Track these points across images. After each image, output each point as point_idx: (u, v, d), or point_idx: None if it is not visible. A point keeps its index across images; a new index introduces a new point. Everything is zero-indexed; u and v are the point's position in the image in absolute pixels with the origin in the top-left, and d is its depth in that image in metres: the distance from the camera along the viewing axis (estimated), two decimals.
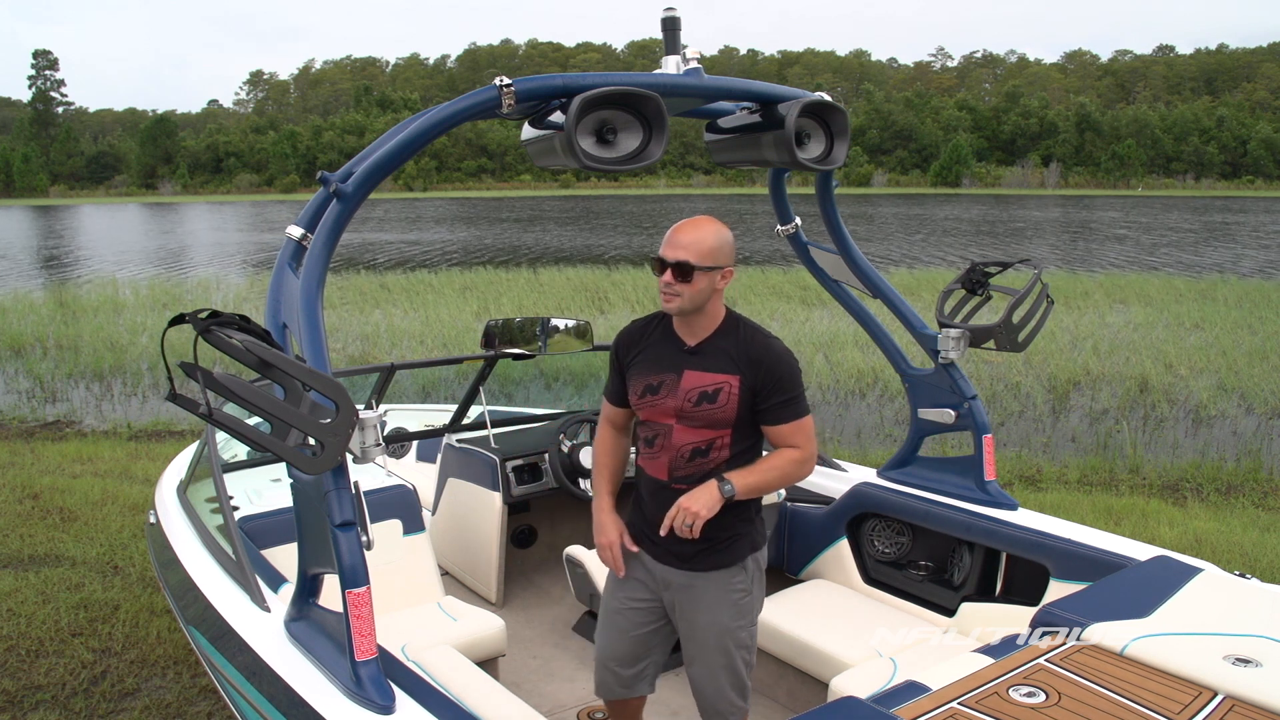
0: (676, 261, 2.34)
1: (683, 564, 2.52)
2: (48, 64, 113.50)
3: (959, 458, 3.54)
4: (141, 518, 5.68)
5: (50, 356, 12.14)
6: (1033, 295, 3.33)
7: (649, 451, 2.55)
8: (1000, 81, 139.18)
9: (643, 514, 2.61)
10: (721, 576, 2.52)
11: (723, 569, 2.52)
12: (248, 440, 1.89)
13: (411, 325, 13.52)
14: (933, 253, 26.49)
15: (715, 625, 2.53)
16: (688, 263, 2.34)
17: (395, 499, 3.64)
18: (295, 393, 1.92)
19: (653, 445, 2.53)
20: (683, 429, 2.46)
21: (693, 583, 2.52)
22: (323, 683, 2.21)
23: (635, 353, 2.55)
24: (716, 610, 2.54)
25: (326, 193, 2.34)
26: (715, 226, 2.40)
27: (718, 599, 2.53)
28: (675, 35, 2.41)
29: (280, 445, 1.89)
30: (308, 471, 1.91)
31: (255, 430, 1.90)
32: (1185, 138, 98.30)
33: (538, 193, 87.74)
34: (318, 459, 1.92)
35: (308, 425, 1.87)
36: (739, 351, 2.45)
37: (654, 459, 2.53)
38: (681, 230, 2.38)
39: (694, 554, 2.50)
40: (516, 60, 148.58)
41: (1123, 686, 2.03)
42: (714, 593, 2.53)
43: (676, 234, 2.38)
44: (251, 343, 1.88)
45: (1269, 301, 15.52)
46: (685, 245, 2.35)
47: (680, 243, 2.35)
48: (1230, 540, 5.55)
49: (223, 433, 4.64)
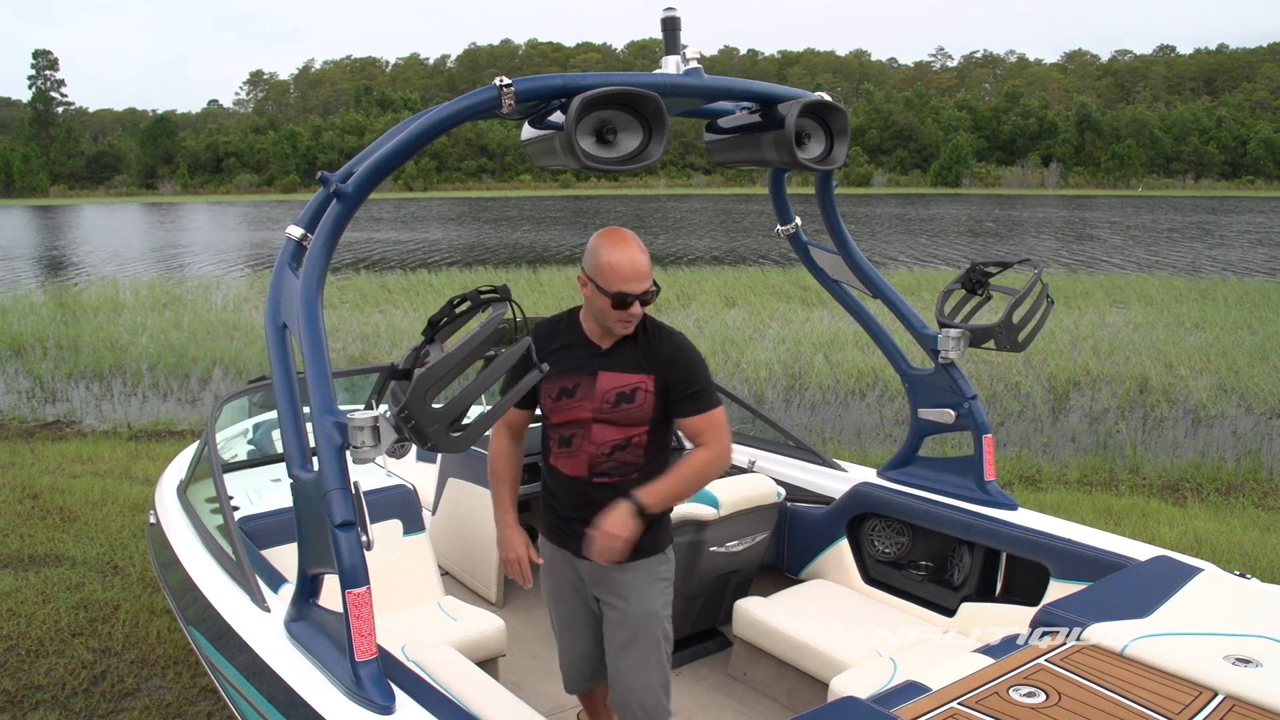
0: (645, 291, 2.41)
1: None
2: (48, 64, 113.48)
3: (959, 458, 3.54)
4: (141, 518, 5.68)
5: (50, 356, 12.14)
6: (1033, 295, 3.33)
7: (564, 451, 2.55)
8: (1000, 81, 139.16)
9: (557, 514, 2.63)
10: (649, 564, 2.57)
11: (650, 556, 2.56)
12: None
13: (411, 325, 13.52)
14: (933, 253, 26.50)
15: (649, 613, 2.57)
16: (652, 289, 2.43)
17: (395, 499, 3.64)
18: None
19: (570, 444, 2.54)
20: (602, 427, 2.50)
21: (621, 574, 2.54)
22: (323, 683, 2.21)
23: (544, 356, 2.50)
24: (648, 598, 2.57)
25: (326, 193, 2.33)
26: (635, 238, 2.45)
27: (648, 587, 2.57)
28: (675, 35, 2.41)
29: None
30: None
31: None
32: (1185, 138, 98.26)
33: (538, 193, 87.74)
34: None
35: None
36: (650, 351, 2.50)
37: (572, 457, 2.54)
38: (634, 259, 2.39)
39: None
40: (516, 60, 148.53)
41: (1123, 686, 2.03)
42: (644, 581, 2.56)
43: (634, 265, 2.38)
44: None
45: (1269, 301, 15.53)
46: (646, 274, 2.42)
47: (642, 274, 2.40)
48: (1230, 540, 5.55)
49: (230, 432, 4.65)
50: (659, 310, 15.19)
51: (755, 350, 11.65)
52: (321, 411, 2.10)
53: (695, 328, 13.38)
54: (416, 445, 2.09)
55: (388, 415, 2.07)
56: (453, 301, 2.32)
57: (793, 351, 11.67)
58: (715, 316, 14.37)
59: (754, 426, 4.59)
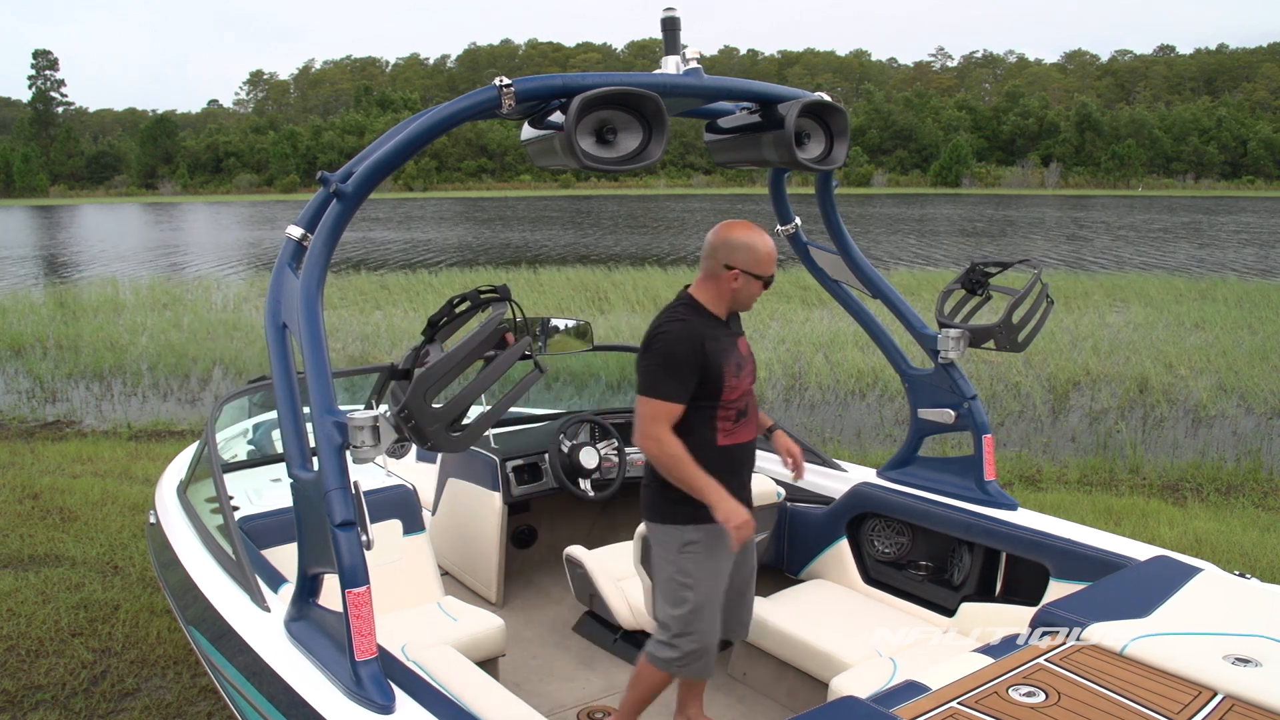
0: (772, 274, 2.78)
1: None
2: (48, 64, 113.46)
3: (959, 458, 3.54)
4: (141, 518, 5.68)
5: (50, 356, 12.14)
6: (1033, 295, 3.33)
7: (741, 422, 2.83)
8: (1000, 81, 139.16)
9: (729, 489, 2.77)
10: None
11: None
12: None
13: (411, 325, 13.52)
14: (932, 253, 26.49)
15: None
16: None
17: (395, 499, 3.64)
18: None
19: (746, 413, 2.84)
20: (752, 389, 2.88)
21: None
22: (323, 682, 2.21)
23: (710, 345, 2.72)
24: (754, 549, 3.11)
25: (326, 193, 2.33)
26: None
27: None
28: (675, 35, 2.41)
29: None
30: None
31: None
32: (1185, 138, 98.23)
33: (538, 193, 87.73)
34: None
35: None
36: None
37: (749, 424, 2.86)
38: (771, 245, 2.79)
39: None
40: (516, 60, 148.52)
41: (1123, 686, 2.03)
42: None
43: (772, 250, 2.78)
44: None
45: (1269, 301, 15.53)
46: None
47: (775, 255, 2.79)
48: (1230, 540, 5.55)
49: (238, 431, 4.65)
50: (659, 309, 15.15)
51: (755, 350, 11.58)
52: (321, 411, 2.10)
53: None
54: (416, 445, 2.09)
55: (388, 415, 2.07)
56: (453, 301, 2.32)
57: (793, 351, 11.67)
58: None
59: None
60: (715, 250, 2.75)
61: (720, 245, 2.74)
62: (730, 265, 2.72)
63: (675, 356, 2.66)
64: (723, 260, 2.73)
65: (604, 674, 3.69)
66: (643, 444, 2.70)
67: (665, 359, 2.67)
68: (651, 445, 2.68)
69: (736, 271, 2.72)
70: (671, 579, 2.82)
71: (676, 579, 2.81)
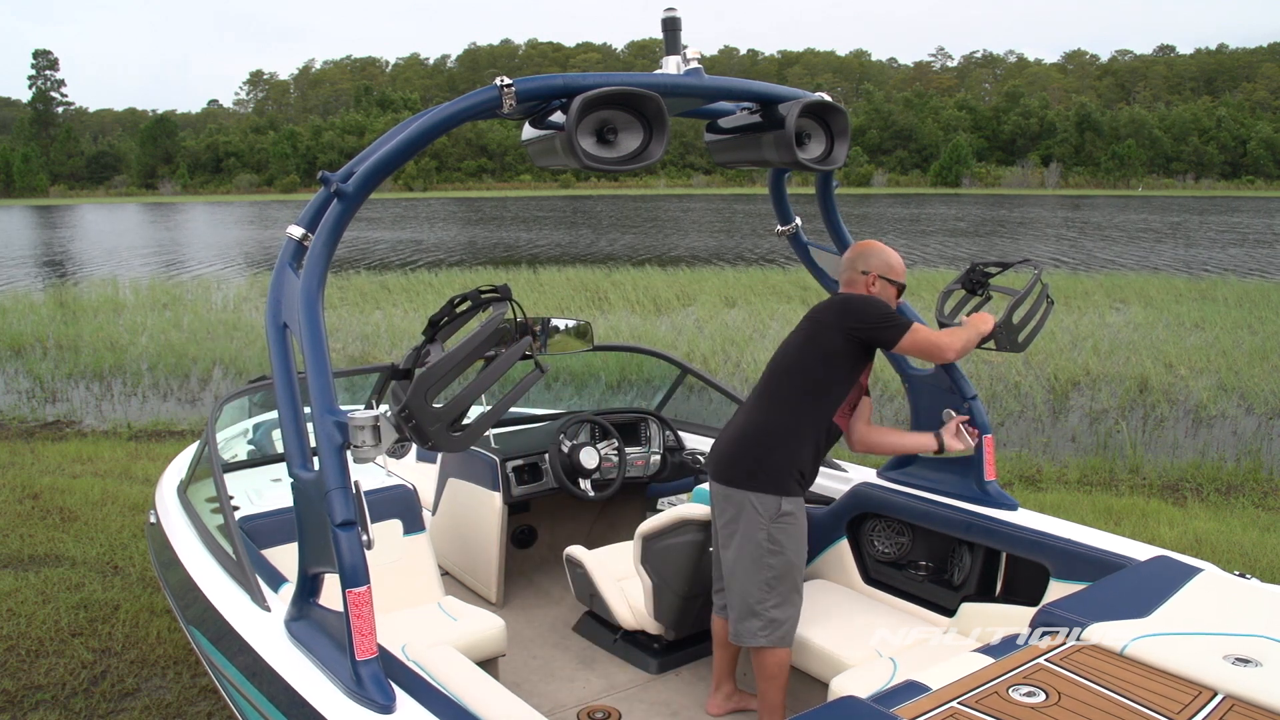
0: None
1: None
2: (48, 64, 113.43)
3: (959, 458, 3.54)
4: (141, 518, 5.68)
5: (50, 356, 12.14)
6: (1033, 295, 3.32)
7: (846, 413, 3.12)
8: (1000, 81, 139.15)
9: (817, 468, 3.11)
10: None
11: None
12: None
13: (411, 325, 13.52)
14: (932, 253, 26.49)
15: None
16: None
17: (395, 499, 3.64)
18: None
19: (854, 409, 3.17)
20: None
21: None
22: (323, 682, 2.21)
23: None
24: None
25: (327, 193, 2.33)
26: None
27: None
28: (675, 35, 2.41)
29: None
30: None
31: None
32: (1185, 138, 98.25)
33: (538, 193, 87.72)
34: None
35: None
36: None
37: (844, 418, 3.13)
38: (899, 258, 3.15)
39: None
40: (516, 60, 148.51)
41: (1123, 686, 2.03)
42: None
43: (900, 260, 3.14)
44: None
45: (1269, 301, 15.53)
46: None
47: (904, 269, 3.15)
48: (1230, 540, 5.55)
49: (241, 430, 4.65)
50: (659, 309, 15.19)
51: (755, 350, 11.64)
52: (322, 411, 2.10)
53: (695, 328, 13.38)
54: (417, 445, 2.09)
55: (388, 415, 2.07)
56: (453, 301, 2.32)
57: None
58: (715, 316, 14.36)
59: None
60: (854, 261, 3.13)
61: (857, 257, 3.13)
62: (866, 270, 3.07)
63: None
64: (860, 268, 3.09)
65: (604, 674, 3.69)
66: (950, 355, 2.99)
67: (884, 304, 3.03)
68: (950, 349, 2.98)
69: (873, 276, 3.06)
70: (760, 545, 2.94)
71: (765, 545, 2.95)
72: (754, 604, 2.97)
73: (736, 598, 3.01)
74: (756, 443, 2.99)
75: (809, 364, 3.00)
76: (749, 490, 2.95)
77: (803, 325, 3.07)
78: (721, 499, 3.05)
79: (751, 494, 2.94)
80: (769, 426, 3.00)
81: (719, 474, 3.05)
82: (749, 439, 3.01)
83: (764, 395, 3.07)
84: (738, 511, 2.99)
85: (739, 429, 3.07)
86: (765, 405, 3.04)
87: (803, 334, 3.05)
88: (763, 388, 3.10)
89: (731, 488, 3.00)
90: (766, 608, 2.96)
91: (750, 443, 3.00)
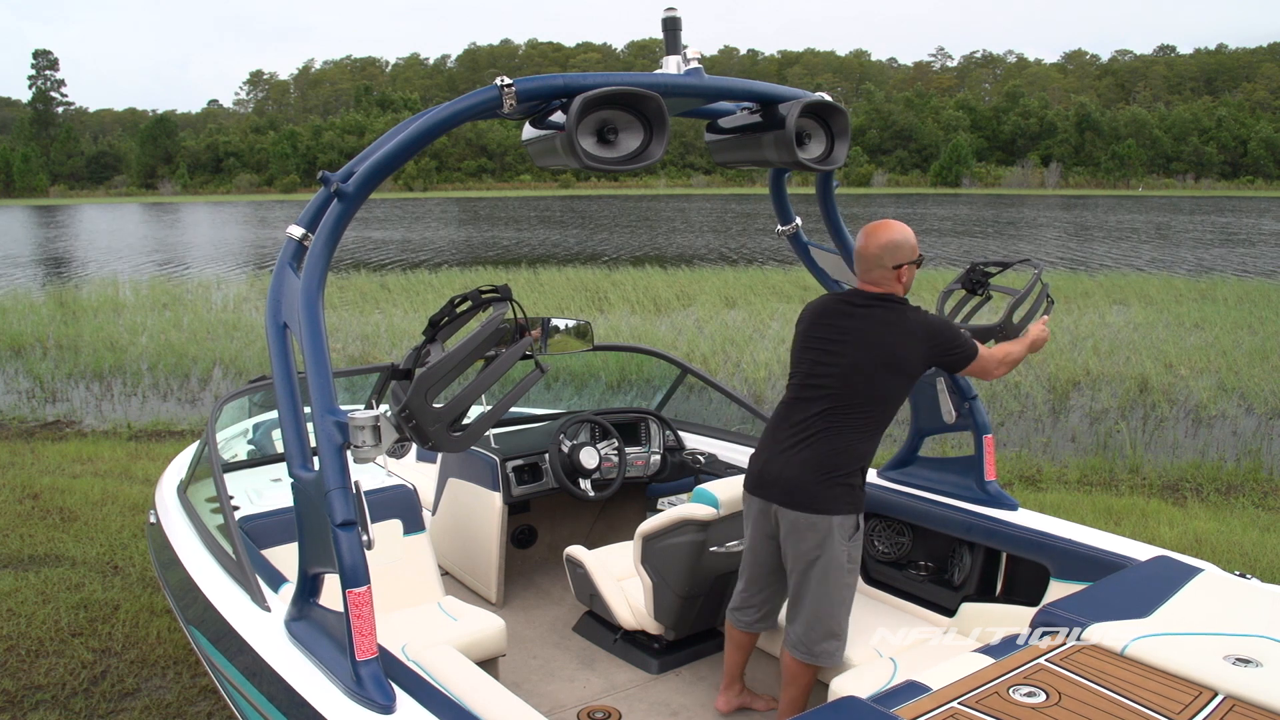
0: None
1: None
2: (48, 64, 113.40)
3: (959, 458, 3.54)
4: (141, 518, 5.68)
5: (50, 356, 12.14)
6: (1033, 295, 3.32)
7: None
8: (1000, 81, 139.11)
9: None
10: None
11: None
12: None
13: (411, 325, 13.52)
14: (932, 253, 26.49)
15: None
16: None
17: (395, 499, 3.64)
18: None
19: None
20: None
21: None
22: (323, 682, 2.21)
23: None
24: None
25: (327, 192, 2.33)
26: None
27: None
28: (676, 35, 2.41)
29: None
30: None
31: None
32: (1185, 138, 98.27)
33: (538, 193, 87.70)
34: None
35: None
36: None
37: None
38: (906, 230, 3.02)
39: None
40: (516, 60, 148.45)
41: (1123, 686, 2.03)
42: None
43: (909, 234, 3.01)
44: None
45: (1269, 301, 15.53)
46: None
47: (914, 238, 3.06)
48: (1230, 540, 5.55)
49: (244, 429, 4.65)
50: (660, 310, 15.19)
51: (755, 350, 11.65)
52: (322, 411, 2.10)
53: (695, 328, 13.38)
54: (417, 445, 2.09)
55: (388, 415, 2.07)
56: (453, 301, 2.32)
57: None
58: (715, 316, 14.36)
59: (753, 426, 4.59)
60: (880, 258, 2.96)
61: (884, 253, 2.95)
62: (898, 265, 2.96)
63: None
64: (889, 264, 2.97)
65: (604, 674, 3.69)
66: (1000, 372, 3.06)
67: (956, 326, 3.08)
68: (1005, 367, 3.06)
69: (904, 267, 2.99)
70: (842, 567, 2.93)
71: (846, 565, 2.93)
72: (837, 627, 2.93)
73: (817, 621, 2.93)
74: (844, 470, 2.90)
75: (899, 394, 2.94)
76: (834, 514, 2.89)
77: (875, 352, 2.89)
78: (804, 527, 2.91)
79: (835, 518, 2.89)
80: (855, 452, 2.91)
81: (799, 503, 2.90)
82: (836, 466, 2.89)
83: (842, 419, 2.91)
84: (823, 538, 2.89)
85: (820, 456, 2.89)
86: (848, 431, 2.91)
87: (882, 363, 2.89)
88: (836, 411, 2.91)
89: (816, 514, 2.89)
90: (844, 626, 2.96)
91: (839, 471, 2.89)
